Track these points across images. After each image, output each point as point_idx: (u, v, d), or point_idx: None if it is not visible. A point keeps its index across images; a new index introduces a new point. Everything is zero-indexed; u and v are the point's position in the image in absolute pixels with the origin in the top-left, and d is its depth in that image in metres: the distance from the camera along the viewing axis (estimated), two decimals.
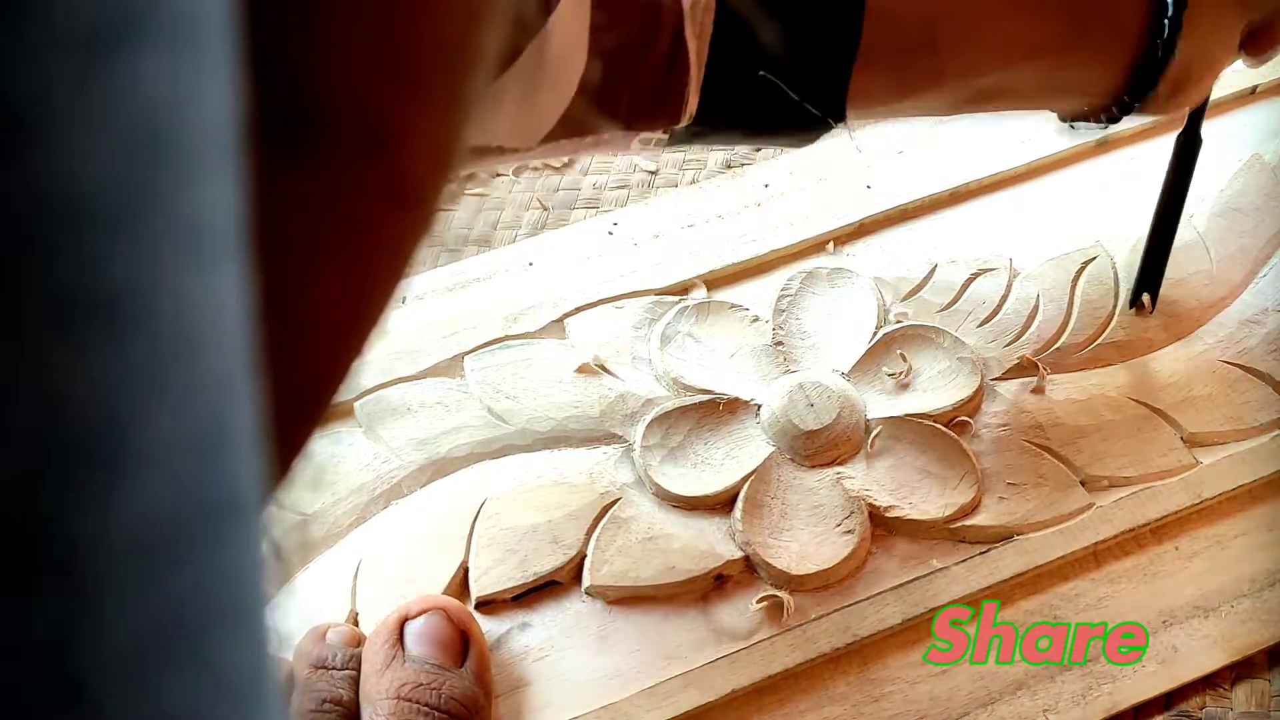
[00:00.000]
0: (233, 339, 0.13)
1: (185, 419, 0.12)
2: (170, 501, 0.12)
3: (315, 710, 0.44)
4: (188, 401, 0.12)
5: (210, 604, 0.13)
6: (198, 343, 0.12)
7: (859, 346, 0.55)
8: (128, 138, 0.11)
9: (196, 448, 0.12)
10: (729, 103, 0.46)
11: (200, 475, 0.12)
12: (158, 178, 0.11)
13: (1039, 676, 0.47)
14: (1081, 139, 0.61)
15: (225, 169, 0.13)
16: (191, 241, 0.12)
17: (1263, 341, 0.55)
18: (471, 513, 0.51)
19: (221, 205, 0.13)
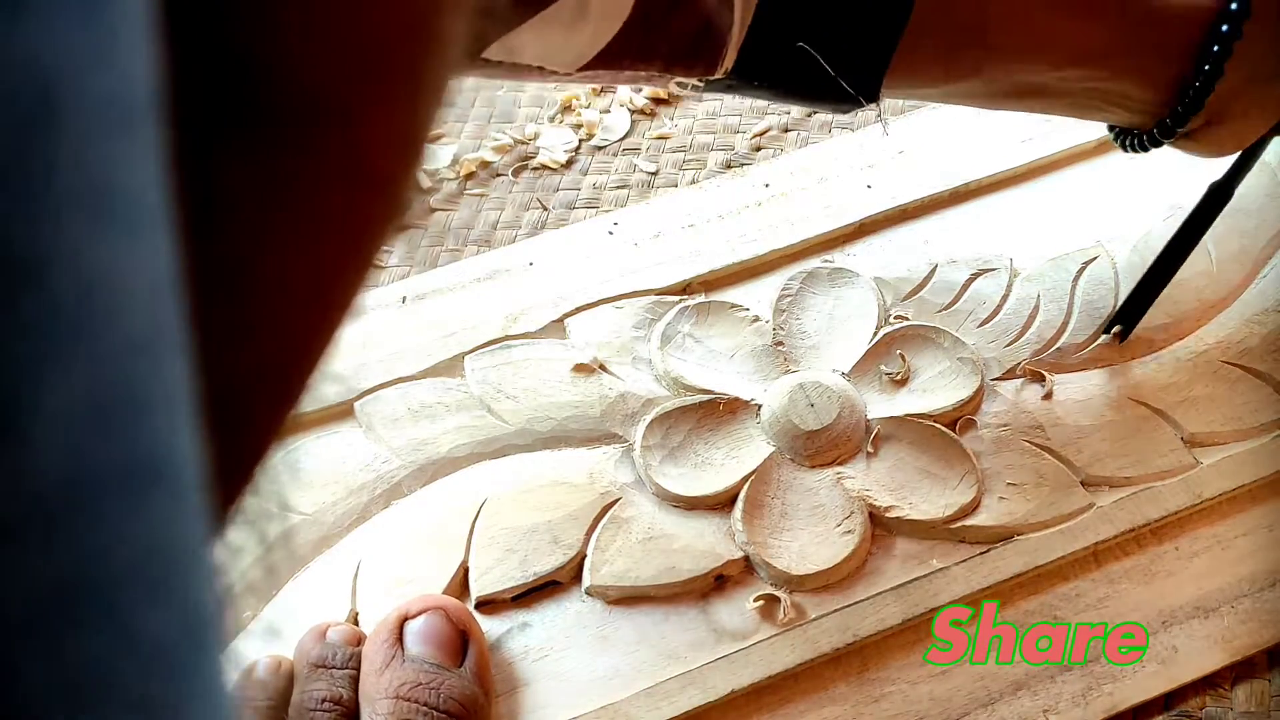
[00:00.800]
0: (150, 306, 0.13)
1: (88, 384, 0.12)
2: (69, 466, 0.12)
3: (315, 709, 0.44)
4: (91, 366, 0.12)
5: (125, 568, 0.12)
6: (105, 307, 0.12)
7: (859, 346, 0.55)
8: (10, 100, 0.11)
9: (103, 413, 0.12)
10: (764, 66, 0.46)
11: (108, 441, 0.12)
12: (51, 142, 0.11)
13: (1039, 677, 0.47)
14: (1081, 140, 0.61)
15: (140, 137, 0.12)
16: (95, 206, 0.12)
17: (1263, 342, 0.55)
18: (472, 512, 0.51)
19: (136, 173, 0.12)
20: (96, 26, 0.12)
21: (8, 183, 0.11)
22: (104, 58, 0.12)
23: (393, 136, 0.17)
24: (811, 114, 0.67)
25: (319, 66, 0.16)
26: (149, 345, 0.13)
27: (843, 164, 0.63)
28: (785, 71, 0.47)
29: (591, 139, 0.67)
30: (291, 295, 0.17)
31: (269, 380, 0.17)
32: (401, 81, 0.17)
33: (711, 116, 0.68)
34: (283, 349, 0.17)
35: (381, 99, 0.17)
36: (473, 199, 0.64)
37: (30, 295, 0.11)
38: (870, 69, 0.46)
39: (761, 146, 0.66)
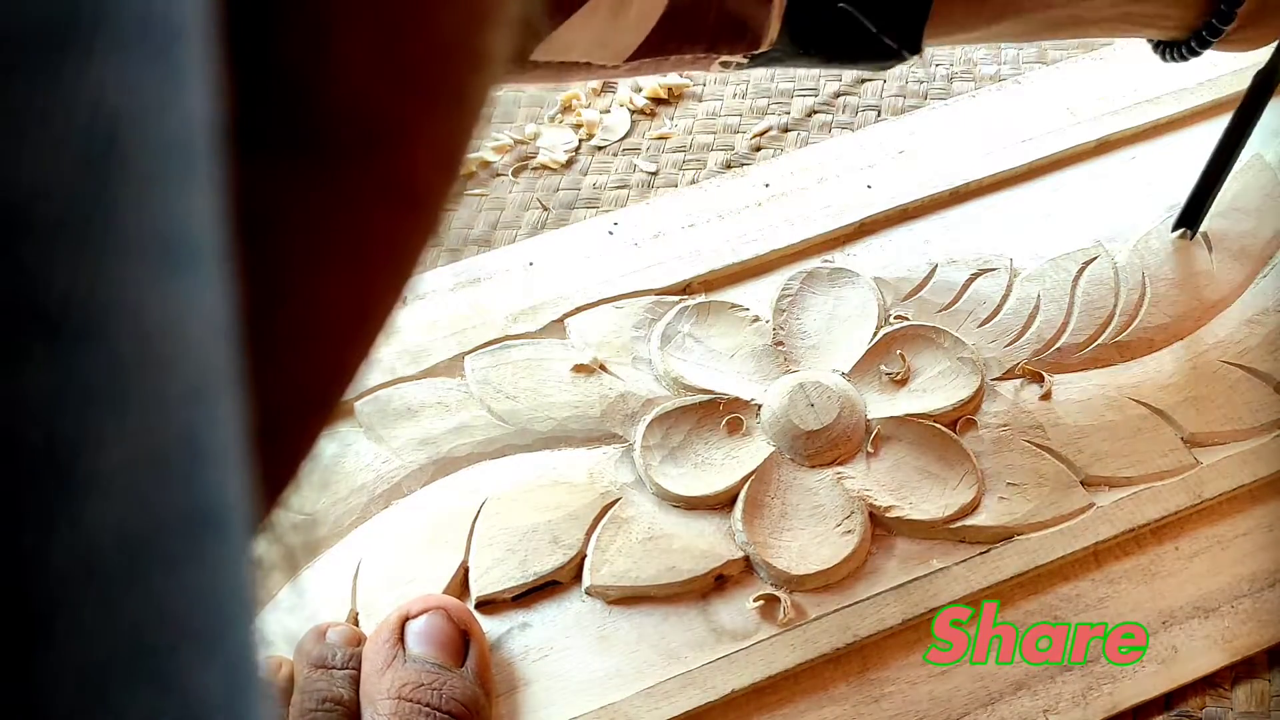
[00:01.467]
0: (207, 351, 0.12)
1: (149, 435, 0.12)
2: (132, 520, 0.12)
3: (316, 709, 0.44)
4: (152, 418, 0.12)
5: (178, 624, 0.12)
6: (164, 357, 0.12)
7: (859, 346, 0.55)
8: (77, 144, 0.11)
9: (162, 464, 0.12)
10: (808, 30, 0.47)
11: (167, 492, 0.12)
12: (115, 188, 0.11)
13: (1039, 677, 0.47)
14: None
15: (199, 179, 0.12)
16: (157, 253, 0.12)
17: (1263, 342, 0.55)
18: (472, 512, 0.51)
19: (195, 216, 0.12)
20: (163, 67, 0.12)
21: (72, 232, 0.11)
22: (169, 99, 0.12)
23: (436, 155, 0.17)
24: (812, 114, 0.67)
25: (366, 87, 0.16)
26: (206, 391, 0.12)
27: (843, 164, 0.63)
28: (828, 35, 0.48)
29: (591, 139, 0.67)
30: (333, 316, 0.17)
31: (307, 400, 0.17)
32: (446, 101, 0.17)
33: (711, 117, 0.68)
34: (322, 369, 0.17)
35: (426, 118, 0.17)
36: (473, 199, 0.64)
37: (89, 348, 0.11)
38: (910, 21, 0.47)
39: (761, 146, 0.66)
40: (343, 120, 0.15)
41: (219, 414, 0.13)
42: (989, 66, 0.69)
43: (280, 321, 0.16)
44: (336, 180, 0.16)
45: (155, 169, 0.12)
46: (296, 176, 0.15)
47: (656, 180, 0.65)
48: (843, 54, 0.49)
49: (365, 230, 0.17)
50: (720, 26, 0.46)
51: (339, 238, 0.16)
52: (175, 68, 0.12)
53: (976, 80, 0.68)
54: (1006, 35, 0.51)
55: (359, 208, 0.16)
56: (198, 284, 0.12)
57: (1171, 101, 0.64)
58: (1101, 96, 0.64)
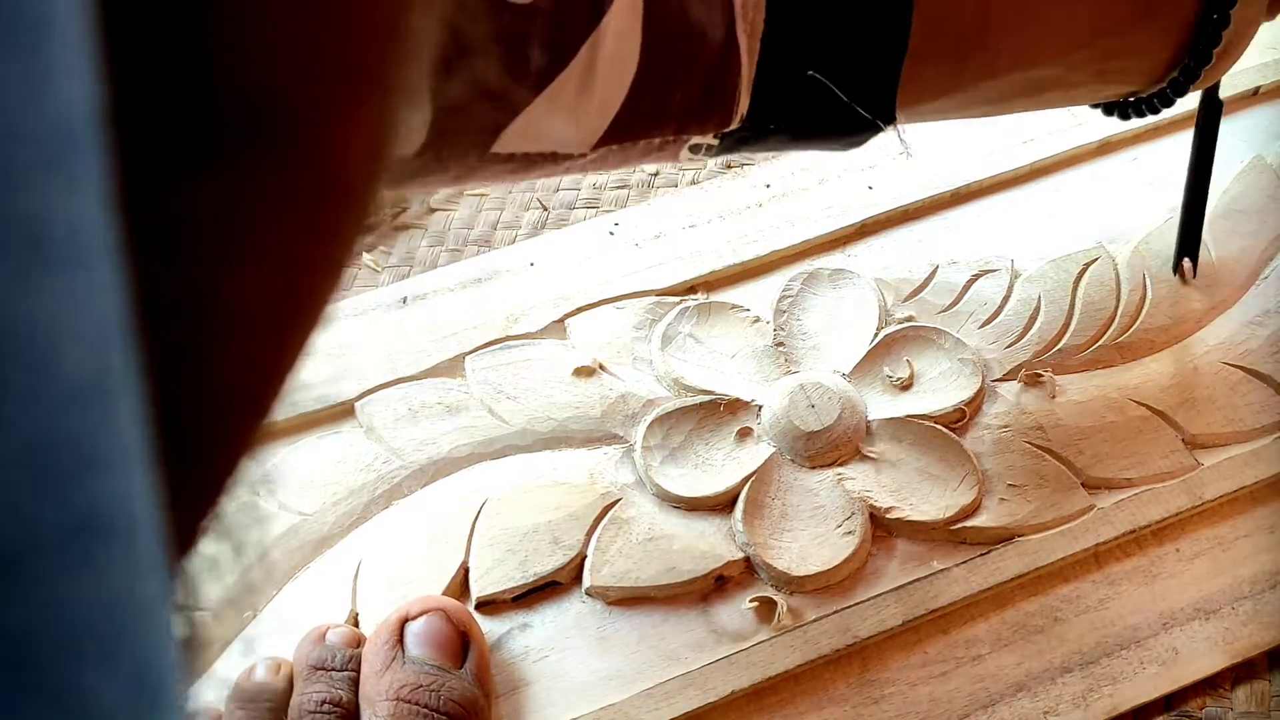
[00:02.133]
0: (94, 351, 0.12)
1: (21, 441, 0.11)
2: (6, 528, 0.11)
3: (315, 711, 0.44)
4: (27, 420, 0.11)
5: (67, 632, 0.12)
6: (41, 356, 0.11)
7: (860, 347, 0.55)
8: None
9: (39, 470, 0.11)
10: (778, 104, 0.45)
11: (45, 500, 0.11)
12: None
13: (1039, 678, 0.47)
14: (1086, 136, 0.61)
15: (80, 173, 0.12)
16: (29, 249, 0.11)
17: (1265, 343, 0.55)
18: (472, 513, 0.51)
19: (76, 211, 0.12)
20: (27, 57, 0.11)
21: None
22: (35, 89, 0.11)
23: (361, 142, 0.16)
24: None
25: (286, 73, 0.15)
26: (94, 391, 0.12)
27: (844, 165, 0.63)
28: (798, 107, 0.46)
29: None
30: (259, 313, 0.16)
31: (238, 400, 0.17)
32: (369, 84, 0.16)
33: None
34: (251, 368, 0.17)
35: (350, 104, 0.16)
36: (473, 199, 0.64)
37: None
38: (881, 87, 0.46)
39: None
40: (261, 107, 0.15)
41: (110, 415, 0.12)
42: None
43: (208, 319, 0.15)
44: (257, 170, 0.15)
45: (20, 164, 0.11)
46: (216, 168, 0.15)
47: (657, 180, 0.65)
48: (814, 128, 0.47)
49: (291, 221, 0.16)
50: (689, 104, 0.44)
51: (264, 229, 0.16)
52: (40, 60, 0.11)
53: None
54: (985, 103, 0.49)
55: (280, 198, 0.16)
56: (81, 281, 0.12)
57: None
58: None
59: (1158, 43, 0.48)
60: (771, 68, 0.44)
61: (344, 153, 0.16)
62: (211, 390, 0.16)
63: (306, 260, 0.17)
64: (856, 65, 0.45)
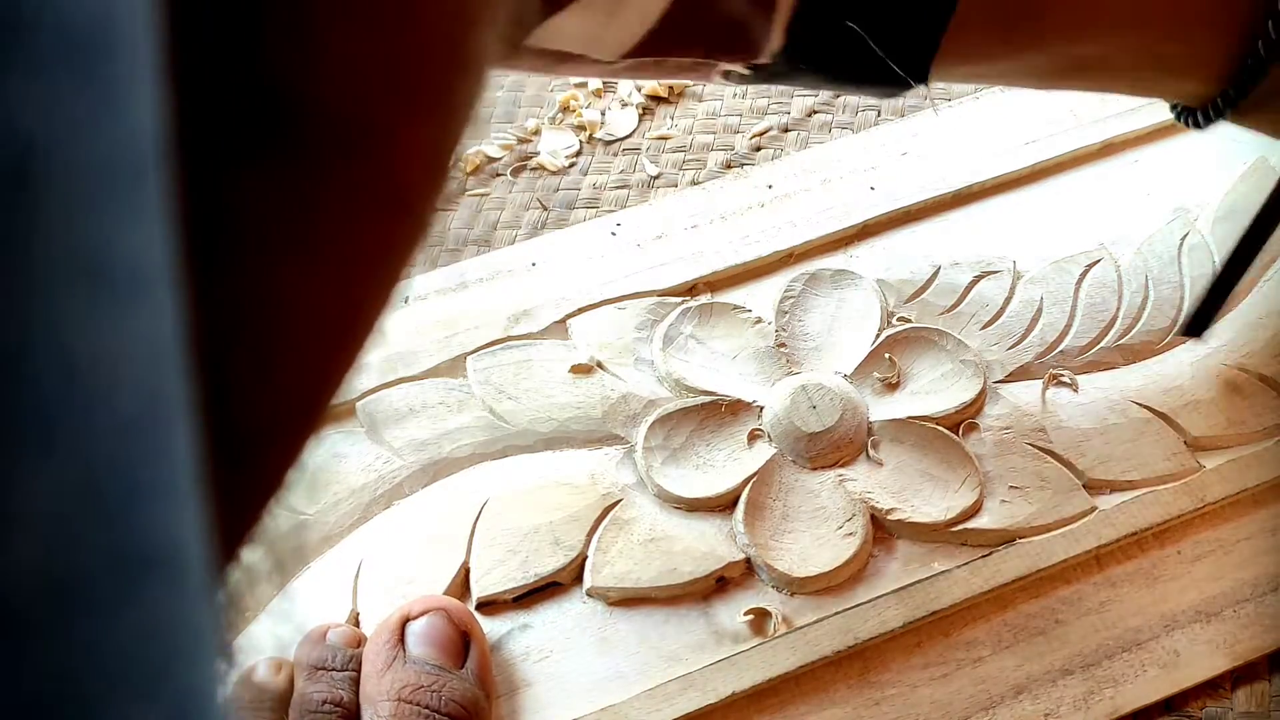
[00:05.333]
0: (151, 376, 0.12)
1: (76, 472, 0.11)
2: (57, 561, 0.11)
3: (315, 711, 0.44)
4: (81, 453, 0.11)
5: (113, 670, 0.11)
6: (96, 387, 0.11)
7: (862, 349, 0.55)
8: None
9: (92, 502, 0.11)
10: (812, 48, 0.45)
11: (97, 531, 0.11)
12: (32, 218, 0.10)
13: (1040, 681, 0.47)
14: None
15: (141, 202, 0.12)
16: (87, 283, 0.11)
17: (1266, 345, 0.55)
18: (473, 513, 0.51)
19: (136, 241, 0.11)
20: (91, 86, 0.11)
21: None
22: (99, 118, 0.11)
23: (422, 157, 0.17)
24: (812, 114, 0.67)
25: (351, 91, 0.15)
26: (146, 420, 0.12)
27: (846, 166, 0.63)
28: (832, 54, 0.45)
29: (592, 139, 0.67)
30: (321, 321, 0.17)
31: (293, 407, 0.17)
32: (432, 102, 0.16)
33: (711, 117, 0.67)
34: (308, 376, 0.17)
35: (412, 121, 0.16)
36: (473, 199, 0.64)
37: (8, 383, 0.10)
38: (920, 48, 0.45)
39: (762, 146, 0.66)
40: (327, 124, 0.15)
41: (163, 446, 0.12)
42: None
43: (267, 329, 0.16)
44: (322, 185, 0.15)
45: (82, 195, 0.11)
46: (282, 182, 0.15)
47: (657, 180, 0.65)
48: (846, 76, 0.47)
49: (352, 234, 0.16)
50: (718, 31, 0.44)
51: (326, 242, 0.16)
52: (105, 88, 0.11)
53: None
54: (1027, 73, 0.48)
55: (345, 212, 0.16)
56: (138, 306, 0.12)
57: None
58: (1105, 99, 0.64)
59: (1206, 42, 0.47)
60: (809, 12, 0.43)
61: (405, 171, 0.16)
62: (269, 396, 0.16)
63: (366, 272, 0.17)
64: (898, 22, 0.44)
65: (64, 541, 0.11)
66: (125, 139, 0.11)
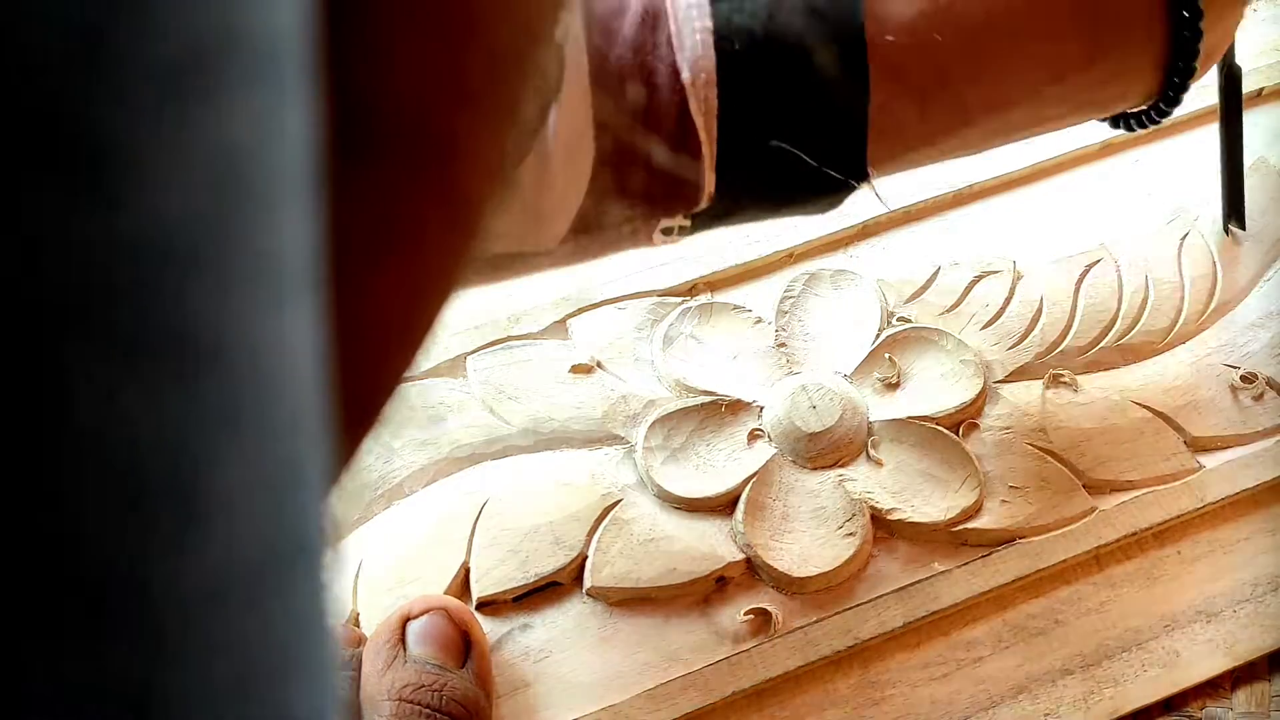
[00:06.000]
0: (306, 380, 0.12)
1: (259, 462, 0.12)
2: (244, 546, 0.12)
3: None
4: (262, 444, 0.12)
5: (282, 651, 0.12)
6: (271, 384, 0.12)
7: (862, 348, 0.55)
8: (208, 177, 0.11)
9: (270, 491, 0.12)
10: (747, 177, 0.44)
11: (273, 519, 0.12)
12: (236, 217, 0.11)
13: (1040, 680, 0.47)
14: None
15: (302, 207, 0.12)
16: (266, 281, 0.12)
17: (1267, 346, 0.55)
18: (473, 513, 0.51)
19: (297, 244, 0.12)
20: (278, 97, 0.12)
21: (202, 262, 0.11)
22: (281, 129, 0.12)
23: (486, 165, 0.17)
24: None
25: (424, 100, 0.16)
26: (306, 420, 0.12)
27: None
28: (767, 178, 0.45)
29: None
30: (389, 321, 0.17)
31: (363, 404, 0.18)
32: (498, 113, 0.17)
33: None
34: (378, 372, 0.18)
35: (479, 130, 0.17)
36: None
37: (211, 377, 0.11)
38: (849, 146, 0.45)
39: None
40: (400, 131, 0.16)
41: (315, 442, 0.13)
42: None
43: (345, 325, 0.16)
44: (389, 186, 0.16)
45: (266, 198, 0.12)
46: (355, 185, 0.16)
47: None
48: (789, 195, 0.46)
49: (418, 236, 0.17)
50: (653, 189, 0.43)
51: (391, 242, 0.17)
52: (286, 96, 0.12)
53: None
54: (961, 148, 0.48)
55: (413, 215, 0.17)
56: (300, 313, 0.12)
57: None
58: None
59: (1131, 70, 0.47)
60: (733, 143, 0.43)
61: (469, 175, 0.17)
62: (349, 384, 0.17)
63: (430, 272, 0.18)
64: (820, 130, 0.44)
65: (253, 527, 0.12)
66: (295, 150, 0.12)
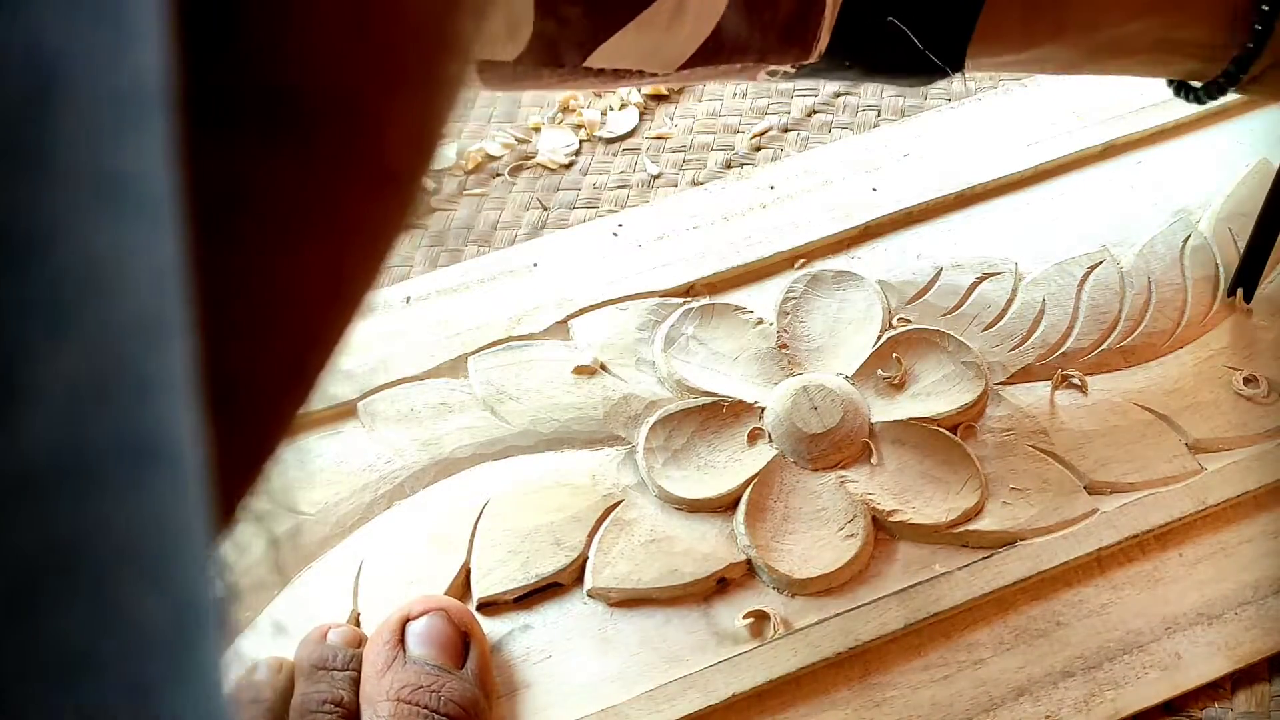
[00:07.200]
0: (155, 291, 0.13)
1: (88, 360, 0.12)
2: (71, 440, 0.12)
3: (315, 711, 0.44)
4: (93, 344, 0.12)
5: (118, 548, 0.12)
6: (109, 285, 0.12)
7: (863, 350, 0.55)
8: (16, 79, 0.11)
9: (103, 389, 0.12)
10: (855, 43, 0.49)
11: (107, 418, 0.12)
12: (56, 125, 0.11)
13: (1041, 683, 0.47)
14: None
15: (150, 133, 0.13)
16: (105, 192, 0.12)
17: (1269, 347, 0.55)
18: (474, 514, 0.50)
19: (146, 165, 0.12)
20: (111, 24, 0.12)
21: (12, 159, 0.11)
22: (117, 54, 0.12)
23: (408, 133, 0.17)
24: (812, 114, 0.67)
25: (335, 67, 0.16)
26: (151, 327, 0.13)
27: (847, 166, 0.63)
28: (873, 48, 0.49)
29: (592, 138, 0.67)
30: (307, 293, 0.17)
31: (282, 378, 0.18)
32: (417, 81, 0.17)
33: (712, 116, 0.67)
34: (296, 347, 0.18)
35: (397, 98, 0.17)
36: (472, 199, 0.64)
37: (32, 268, 0.11)
38: (954, 38, 0.49)
39: (762, 146, 0.66)
40: (312, 99, 0.16)
41: (165, 352, 0.13)
42: None
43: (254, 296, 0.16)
44: (308, 158, 0.16)
45: (102, 116, 0.12)
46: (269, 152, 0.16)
47: (657, 180, 0.64)
48: (886, 68, 0.51)
49: (338, 207, 0.17)
50: (772, 37, 0.47)
51: (312, 214, 0.17)
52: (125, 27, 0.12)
53: (976, 80, 0.68)
54: (1050, 60, 0.52)
55: (331, 185, 0.17)
56: (147, 227, 0.13)
57: (1178, 106, 0.63)
58: (1107, 100, 0.64)
59: (1212, 20, 0.50)
60: (853, 9, 0.47)
61: (389, 145, 0.17)
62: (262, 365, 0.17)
63: (352, 244, 0.18)
64: (934, 14, 0.48)
65: (76, 422, 0.12)
66: (138, 76, 0.12)
